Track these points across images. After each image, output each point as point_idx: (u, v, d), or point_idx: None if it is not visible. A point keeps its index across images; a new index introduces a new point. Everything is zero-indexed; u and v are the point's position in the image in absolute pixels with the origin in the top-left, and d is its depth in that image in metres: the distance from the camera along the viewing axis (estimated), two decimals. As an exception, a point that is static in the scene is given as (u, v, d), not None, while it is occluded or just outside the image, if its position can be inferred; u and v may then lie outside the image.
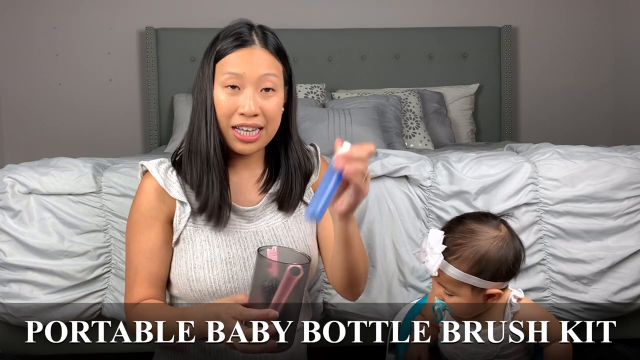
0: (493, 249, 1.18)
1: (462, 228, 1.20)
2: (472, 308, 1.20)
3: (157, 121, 3.51)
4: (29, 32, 3.52)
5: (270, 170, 1.33)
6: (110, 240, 1.62)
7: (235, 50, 1.21)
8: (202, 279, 1.24)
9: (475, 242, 1.18)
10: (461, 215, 1.28)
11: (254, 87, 1.21)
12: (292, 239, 1.32)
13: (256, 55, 1.21)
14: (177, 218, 1.25)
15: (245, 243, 1.28)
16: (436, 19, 3.65)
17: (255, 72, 1.20)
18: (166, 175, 1.27)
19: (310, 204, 1.03)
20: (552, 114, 3.73)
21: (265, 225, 1.31)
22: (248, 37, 1.22)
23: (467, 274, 1.17)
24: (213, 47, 1.24)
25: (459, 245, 1.18)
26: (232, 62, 1.21)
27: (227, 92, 1.21)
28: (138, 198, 1.27)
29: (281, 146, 1.31)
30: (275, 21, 2.12)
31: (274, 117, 1.24)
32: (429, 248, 1.20)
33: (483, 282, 1.18)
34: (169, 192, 1.25)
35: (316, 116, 2.85)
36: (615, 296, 1.59)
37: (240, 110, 1.20)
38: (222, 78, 1.21)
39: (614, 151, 1.69)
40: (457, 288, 1.19)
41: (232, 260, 1.25)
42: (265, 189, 1.32)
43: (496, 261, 1.18)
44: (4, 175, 1.64)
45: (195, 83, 1.26)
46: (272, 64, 1.23)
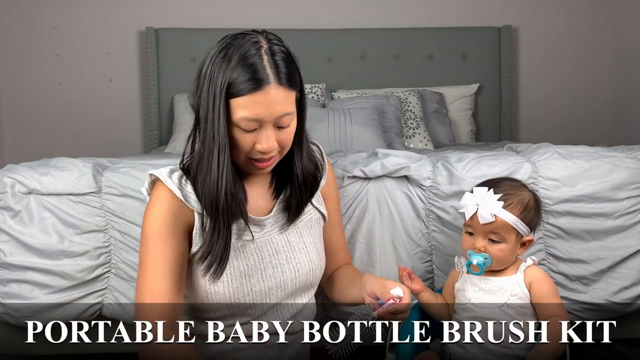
0: (531, 200, 1.38)
1: (503, 185, 1.38)
2: (510, 256, 1.37)
3: (157, 121, 3.51)
4: (29, 32, 3.52)
5: (279, 176, 1.33)
6: (110, 240, 1.62)
7: (251, 93, 1.15)
8: (220, 292, 1.24)
9: (520, 193, 1.37)
10: (490, 179, 1.45)
11: (271, 125, 1.19)
12: (304, 244, 1.34)
13: (272, 96, 1.16)
14: (197, 230, 1.23)
15: (262, 253, 1.28)
16: (436, 19, 3.65)
17: (272, 114, 1.17)
18: (181, 185, 1.23)
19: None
20: (552, 114, 3.73)
21: (279, 232, 1.32)
22: (262, 73, 1.15)
23: (518, 219, 1.34)
24: (223, 72, 1.16)
25: (508, 194, 1.35)
26: (247, 105, 1.15)
27: (243, 131, 1.18)
28: (154, 207, 1.22)
29: (289, 155, 1.30)
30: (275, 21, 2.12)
31: (288, 144, 1.24)
32: (479, 200, 1.34)
33: (526, 228, 1.36)
34: (188, 203, 1.22)
35: (316, 116, 2.85)
36: (615, 296, 1.59)
37: (259, 147, 1.19)
38: (238, 120, 1.16)
39: (614, 151, 1.69)
40: (507, 234, 1.34)
41: (250, 272, 1.26)
42: (276, 196, 1.33)
43: (534, 210, 1.38)
44: (4, 175, 1.64)
45: (199, 99, 1.20)
46: (288, 100, 1.19)
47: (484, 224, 1.34)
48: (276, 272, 1.29)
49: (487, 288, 1.37)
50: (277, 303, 1.30)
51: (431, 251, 1.63)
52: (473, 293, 1.38)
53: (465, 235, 1.40)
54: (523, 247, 1.39)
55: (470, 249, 1.37)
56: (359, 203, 1.62)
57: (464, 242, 1.40)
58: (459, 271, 1.45)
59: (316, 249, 1.35)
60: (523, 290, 1.35)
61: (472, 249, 1.36)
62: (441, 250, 1.62)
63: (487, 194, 1.34)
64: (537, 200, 1.42)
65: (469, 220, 1.37)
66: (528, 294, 1.35)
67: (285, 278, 1.29)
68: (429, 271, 1.64)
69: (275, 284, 1.28)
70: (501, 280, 1.37)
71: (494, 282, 1.37)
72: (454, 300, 1.44)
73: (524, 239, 1.37)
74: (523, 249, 1.39)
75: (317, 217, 1.39)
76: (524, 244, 1.39)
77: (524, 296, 1.35)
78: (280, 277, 1.29)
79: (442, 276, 1.63)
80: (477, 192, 1.36)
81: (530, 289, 1.35)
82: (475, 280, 1.39)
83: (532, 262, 1.39)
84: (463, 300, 1.40)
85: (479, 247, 1.35)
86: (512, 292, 1.35)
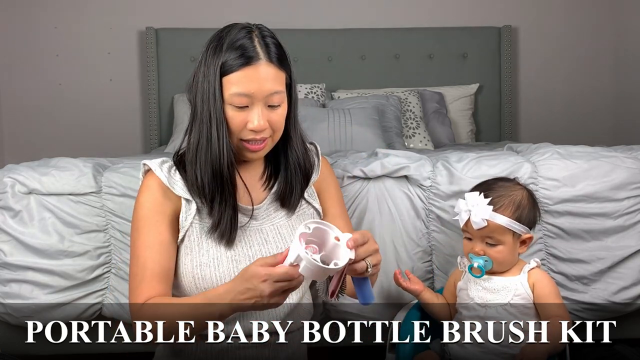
0: (524, 198, 1.39)
1: (495, 186, 1.40)
2: (511, 256, 1.38)
3: (157, 121, 3.51)
4: (29, 32, 3.52)
5: (271, 167, 1.35)
6: (110, 240, 1.62)
7: (242, 68, 1.20)
8: (207, 276, 1.25)
9: (511, 193, 1.38)
10: (483, 181, 1.46)
11: (262, 104, 1.23)
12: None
13: (262, 72, 1.21)
14: (183, 215, 1.27)
15: (251, 241, 1.30)
16: (436, 19, 3.65)
17: (262, 91, 1.21)
18: (169, 174, 1.28)
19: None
20: (552, 113, 3.73)
21: (270, 223, 1.33)
22: (252, 51, 1.21)
23: (511, 220, 1.35)
24: (216, 57, 1.22)
25: (499, 196, 1.37)
26: (239, 81, 1.21)
27: (235, 109, 1.22)
28: (143, 195, 1.27)
29: (281, 145, 1.32)
30: (275, 21, 2.12)
31: (280, 127, 1.27)
32: (471, 206, 1.36)
33: (522, 227, 1.37)
34: (173, 190, 1.26)
35: (316, 116, 2.85)
36: (615, 296, 1.59)
37: (250, 126, 1.23)
38: (230, 97, 1.22)
39: (614, 151, 1.69)
40: (502, 236, 1.36)
41: (238, 258, 1.27)
42: (268, 187, 1.34)
43: (528, 207, 1.39)
44: (4, 175, 1.64)
45: (196, 88, 1.26)
46: (278, 78, 1.24)
47: (478, 229, 1.36)
48: None
49: (491, 287, 1.37)
50: None
51: (431, 251, 1.63)
52: (476, 292, 1.39)
53: (465, 240, 1.42)
54: (524, 245, 1.40)
55: (470, 252, 1.39)
56: (359, 203, 1.62)
57: (465, 246, 1.42)
58: (461, 270, 1.45)
59: None
60: (527, 291, 1.36)
61: (472, 253, 1.38)
62: (441, 250, 1.62)
63: (478, 199, 1.37)
64: (532, 197, 1.43)
65: (464, 226, 1.40)
66: (531, 294, 1.36)
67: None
68: (429, 271, 1.64)
69: None
70: (504, 280, 1.38)
71: (498, 281, 1.38)
72: (456, 300, 1.45)
73: (522, 237, 1.39)
74: (524, 246, 1.41)
75: (310, 211, 1.39)
76: (524, 242, 1.40)
77: (527, 297, 1.35)
78: None
79: (442, 276, 1.63)
80: (468, 198, 1.39)
81: (534, 290, 1.36)
82: (479, 279, 1.39)
83: (535, 264, 1.39)
84: (465, 299, 1.40)
85: (478, 251, 1.37)
86: (516, 292, 1.36)
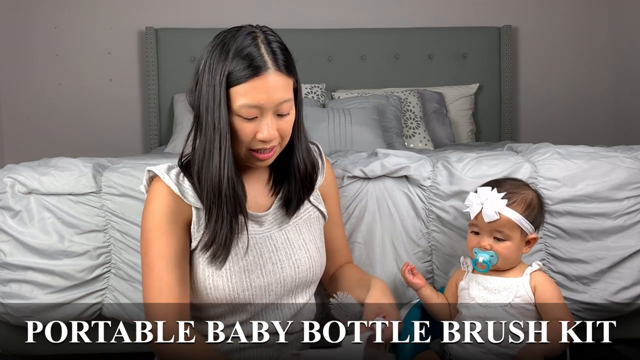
0: (534, 199, 1.41)
1: (507, 184, 1.41)
2: (516, 254, 1.39)
3: (157, 121, 3.51)
4: (29, 32, 3.52)
5: (277, 172, 1.34)
6: (110, 240, 1.62)
7: (250, 80, 1.16)
8: (220, 287, 1.24)
9: (523, 192, 1.40)
10: (493, 179, 1.48)
11: (271, 113, 1.20)
12: (304, 241, 1.34)
13: (271, 82, 1.17)
14: (194, 225, 1.24)
15: (261, 249, 1.29)
16: (436, 19, 3.65)
17: (272, 100, 1.18)
18: (178, 181, 1.24)
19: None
20: (552, 113, 3.73)
21: (278, 229, 1.32)
22: (260, 61, 1.17)
23: (522, 217, 1.36)
24: (221, 65, 1.17)
25: (511, 193, 1.38)
26: (247, 93, 1.17)
27: (243, 120, 1.19)
28: (153, 204, 1.23)
29: (287, 150, 1.31)
30: (275, 21, 2.12)
31: (288, 134, 1.25)
32: (484, 199, 1.37)
33: (530, 226, 1.38)
34: (185, 199, 1.23)
35: (316, 116, 2.85)
36: (615, 296, 1.59)
37: (260, 136, 1.19)
38: (239, 109, 1.17)
39: (614, 151, 1.69)
40: (511, 231, 1.36)
41: (249, 267, 1.26)
42: (275, 192, 1.33)
43: (537, 208, 1.41)
44: (4, 175, 1.64)
45: (200, 94, 1.20)
46: (286, 86, 1.20)
47: (489, 222, 1.36)
48: (276, 269, 1.29)
49: (492, 287, 1.37)
50: (278, 302, 1.30)
51: (431, 251, 1.63)
52: (477, 292, 1.39)
53: (471, 235, 1.41)
54: (528, 246, 1.41)
55: (476, 247, 1.38)
56: (359, 203, 1.62)
57: (470, 241, 1.41)
58: (463, 270, 1.45)
59: (316, 246, 1.35)
60: (528, 293, 1.35)
61: (478, 247, 1.38)
62: (441, 250, 1.62)
63: (491, 193, 1.37)
64: (540, 200, 1.44)
65: (474, 220, 1.39)
66: (533, 296, 1.36)
67: (285, 274, 1.29)
68: (429, 271, 1.64)
69: (275, 280, 1.29)
70: (506, 280, 1.37)
71: (499, 282, 1.38)
72: (456, 299, 1.44)
73: (528, 237, 1.39)
74: (528, 247, 1.41)
75: (316, 215, 1.39)
76: (528, 242, 1.41)
77: (529, 298, 1.35)
78: (280, 273, 1.29)
79: (442, 276, 1.63)
80: (481, 192, 1.39)
81: (535, 293, 1.36)
82: (481, 279, 1.39)
83: (538, 266, 1.40)
84: (467, 299, 1.40)
85: (485, 246, 1.37)
86: (517, 293, 1.36)
